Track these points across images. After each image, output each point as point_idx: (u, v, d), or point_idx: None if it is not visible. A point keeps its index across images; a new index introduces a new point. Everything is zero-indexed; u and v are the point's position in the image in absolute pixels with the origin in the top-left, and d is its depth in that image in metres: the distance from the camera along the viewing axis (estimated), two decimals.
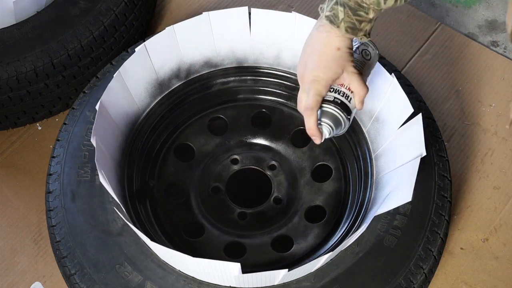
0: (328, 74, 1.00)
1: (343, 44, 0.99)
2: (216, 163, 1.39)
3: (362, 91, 1.02)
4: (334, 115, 1.02)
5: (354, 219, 1.22)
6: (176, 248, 1.12)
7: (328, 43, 0.99)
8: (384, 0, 0.93)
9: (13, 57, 1.39)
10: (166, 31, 1.24)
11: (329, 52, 0.99)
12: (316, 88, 1.00)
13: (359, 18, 0.96)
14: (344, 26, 0.96)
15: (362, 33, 0.98)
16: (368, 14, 0.96)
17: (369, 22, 0.97)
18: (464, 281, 1.32)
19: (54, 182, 1.19)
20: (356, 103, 1.03)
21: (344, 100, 1.02)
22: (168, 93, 1.33)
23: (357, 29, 0.97)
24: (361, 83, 1.02)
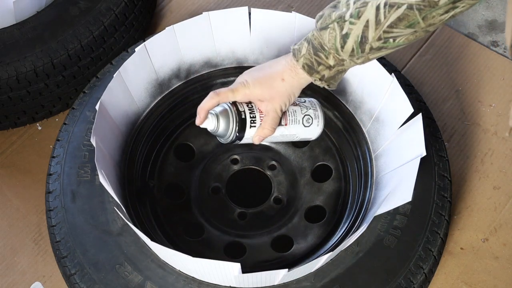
0: (257, 91, 1.00)
1: (289, 80, 0.99)
2: (216, 163, 1.39)
3: (267, 131, 1.03)
4: (228, 119, 1.02)
5: (354, 219, 1.21)
6: (176, 248, 1.12)
7: (280, 70, 0.99)
8: (341, 47, 0.91)
9: (13, 57, 1.39)
10: (166, 31, 1.24)
11: (274, 77, 0.99)
12: (238, 87, 1.01)
13: (318, 59, 0.95)
14: (302, 62, 0.96)
15: (318, 76, 0.97)
16: (327, 59, 0.94)
17: (328, 68, 0.95)
18: (464, 281, 1.32)
19: (54, 182, 1.19)
20: (254, 136, 1.04)
21: (247, 120, 1.02)
22: (168, 93, 1.33)
23: (314, 70, 0.96)
24: (272, 124, 1.02)
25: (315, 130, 1.10)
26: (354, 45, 0.90)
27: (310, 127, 1.09)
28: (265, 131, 1.03)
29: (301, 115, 1.07)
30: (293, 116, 1.06)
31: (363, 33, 0.88)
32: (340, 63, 0.95)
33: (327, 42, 0.93)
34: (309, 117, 1.07)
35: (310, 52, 0.95)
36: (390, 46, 0.89)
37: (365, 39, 0.89)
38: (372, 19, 0.86)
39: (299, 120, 1.07)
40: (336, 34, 0.91)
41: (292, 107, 1.06)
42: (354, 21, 0.88)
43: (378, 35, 0.87)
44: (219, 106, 1.03)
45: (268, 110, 1.01)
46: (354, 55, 0.92)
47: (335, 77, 0.98)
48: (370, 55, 0.92)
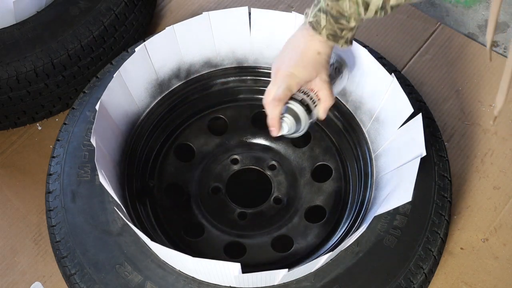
0: (304, 74, 1.01)
1: (323, 50, 1.00)
2: (216, 163, 1.39)
3: (329, 101, 1.04)
4: (297, 114, 1.03)
5: (354, 219, 1.21)
6: (176, 248, 1.12)
7: (310, 45, 1.00)
8: (364, 11, 0.93)
9: (13, 57, 1.39)
10: (166, 31, 1.24)
11: (309, 54, 1.00)
12: (288, 83, 1.01)
13: (340, 26, 0.96)
14: (325, 33, 0.98)
15: (343, 40, 0.99)
16: (349, 23, 0.96)
17: (350, 30, 0.98)
18: (464, 281, 1.32)
19: (54, 182, 1.19)
20: (320, 112, 1.05)
21: (310, 103, 1.04)
22: (168, 93, 1.33)
23: (339, 36, 0.98)
24: (330, 93, 1.04)
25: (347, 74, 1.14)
26: (377, 8, 0.92)
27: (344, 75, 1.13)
28: (327, 104, 1.05)
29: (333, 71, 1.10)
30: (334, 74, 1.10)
31: None
32: (361, 22, 0.97)
33: (348, 9, 0.94)
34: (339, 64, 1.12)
35: (330, 22, 0.96)
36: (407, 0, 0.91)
37: (384, 3, 0.91)
38: None
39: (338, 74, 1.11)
40: (358, 1, 0.92)
41: None
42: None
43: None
44: (284, 107, 1.04)
45: (321, 85, 1.03)
46: (377, 14, 0.94)
47: (355, 33, 1.00)
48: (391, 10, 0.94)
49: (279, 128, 1.04)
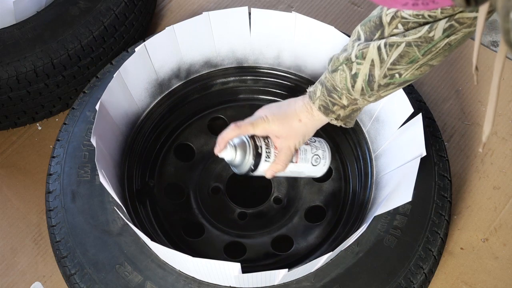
0: (275, 127, 1.03)
1: (307, 121, 1.02)
2: (216, 163, 1.39)
3: (280, 168, 1.07)
4: (245, 152, 1.04)
5: (354, 219, 1.21)
6: (176, 248, 1.12)
7: (298, 111, 1.02)
8: (351, 87, 0.95)
9: (13, 57, 1.39)
10: (166, 31, 1.24)
11: (292, 117, 1.02)
12: (258, 122, 1.04)
13: (332, 100, 0.98)
14: (318, 103, 1.00)
15: (334, 115, 1.00)
16: (341, 99, 0.98)
17: (342, 108, 0.99)
18: (464, 281, 1.32)
19: (54, 182, 1.19)
20: (267, 171, 1.07)
21: (263, 153, 1.05)
22: (168, 93, 1.33)
23: (330, 110, 0.99)
24: (284, 161, 1.06)
25: (321, 169, 1.14)
26: (363, 84, 0.94)
27: (317, 166, 1.13)
28: (278, 167, 1.06)
29: (310, 154, 1.11)
30: (303, 154, 1.10)
31: (370, 71, 0.92)
32: (354, 102, 0.98)
33: (339, 83, 0.96)
34: (317, 157, 1.12)
35: (324, 94, 0.99)
36: (397, 81, 0.93)
37: (372, 77, 0.93)
38: (376, 58, 0.90)
39: (308, 159, 1.10)
40: (346, 75, 0.95)
41: (303, 146, 1.10)
42: (360, 61, 0.92)
43: (383, 72, 0.91)
44: (237, 138, 1.06)
45: (283, 147, 1.04)
46: (365, 94, 0.95)
47: (351, 116, 1.02)
48: (381, 92, 0.95)
49: (221, 148, 1.05)
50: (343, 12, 1.75)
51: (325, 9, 1.76)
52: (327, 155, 1.13)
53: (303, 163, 1.10)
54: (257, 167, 1.06)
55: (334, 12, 1.75)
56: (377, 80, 0.93)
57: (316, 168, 1.13)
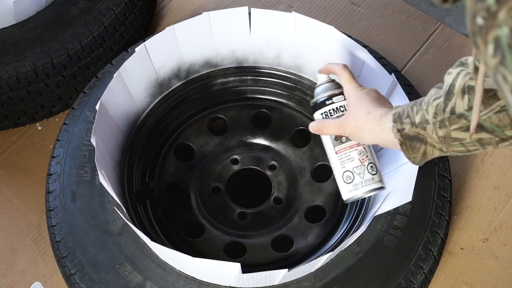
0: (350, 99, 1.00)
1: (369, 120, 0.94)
2: (216, 163, 1.39)
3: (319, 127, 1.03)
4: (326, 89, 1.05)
5: (354, 219, 1.21)
6: (176, 248, 1.12)
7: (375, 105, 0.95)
8: (432, 102, 0.85)
9: (13, 57, 1.39)
10: (166, 31, 1.24)
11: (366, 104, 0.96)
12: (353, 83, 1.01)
13: (409, 111, 0.89)
14: (397, 110, 0.91)
15: (399, 125, 0.89)
16: (416, 114, 0.88)
17: (411, 124, 0.88)
18: (464, 281, 1.32)
19: (54, 182, 1.19)
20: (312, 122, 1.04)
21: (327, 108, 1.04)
22: (168, 93, 1.33)
23: (399, 119, 0.89)
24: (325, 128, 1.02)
25: (344, 190, 1.04)
26: (443, 96, 0.84)
27: (344, 184, 1.03)
28: (321, 125, 1.02)
29: (350, 168, 1.02)
30: (346, 158, 1.02)
31: (453, 81, 0.83)
32: (423, 124, 0.86)
33: (427, 97, 0.87)
34: (350, 176, 1.02)
35: (409, 104, 0.90)
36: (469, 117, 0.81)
37: (452, 87, 0.82)
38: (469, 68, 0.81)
39: (344, 166, 1.02)
40: (439, 91, 0.85)
41: (355, 154, 1.02)
42: (451, 70, 0.84)
43: (464, 82, 0.81)
44: (337, 82, 1.05)
45: (340, 118, 1.00)
46: (437, 114, 0.84)
47: (413, 142, 0.89)
48: (452, 128, 0.83)
49: (323, 70, 1.07)
50: (343, 12, 1.75)
51: (325, 9, 1.76)
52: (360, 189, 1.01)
53: (339, 162, 1.03)
54: (314, 111, 1.06)
55: (334, 12, 1.75)
56: (456, 92, 0.82)
57: (343, 186, 1.03)
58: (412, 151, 0.91)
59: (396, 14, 1.73)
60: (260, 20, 1.28)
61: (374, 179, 1.02)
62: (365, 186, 1.01)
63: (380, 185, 1.02)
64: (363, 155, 1.02)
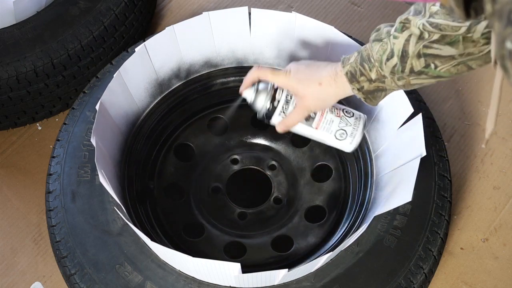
0: (292, 84, 1.04)
1: (327, 88, 1.00)
2: (216, 163, 1.39)
3: (289, 122, 1.08)
4: (262, 99, 1.08)
5: (354, 219, 1.21)
6: (176, 248, 1.12)
7: (322, 75, 1.01)
8: (386, 60, 0.92)
9: (13, 57, 1.39)
10: (166, 31, 1.24)
11: (313, 78, 1.02)
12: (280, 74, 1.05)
13: (362, 69, 0.96)
14: (347, 69, 0.98)
15: (357, 85, 0.97)
16: (370, 71, 0.95)
17: (368, 81, 0.96)
18: (464, 281, 1.32)
19: (54, 182, 1.19)
20: (278, 124, 1.09)
21: (279, 108, 1.08)
22: (168, 93, 1.33)
23: (355, 79, 0.97)
24: (294, 119, 1.07)
25: (346, 145, 1.12)
26: (398, 61, 0.91)
27: (342, 141, 1.11)
28: (287, 121, 1.07)
29: (336, 127, 1.09)
30: (327, 124, 1.09)
31: (404, 47, 0.90)
32: (381, 79, 0.96)
33: (375, 54, 0.94)
34: (343, 132, 1.10)
35: (357, 61, 0.97)
36: (430, 72, 0.90)
37: (405, 53, 0.90)
38: (416, 33, 0.89)
39: (332, 131, 1.10)
40: (386, 48, 0.92)
41: (330, 116, 1.09)
42: (397, 35, 0.91)
43: (418, 49, 0.89)
44: (263, 84, 1.09)
45: (297, 105, 1.06)
46: (395, 73, 0.93)
47: (374, 94, 0.98)
48: (411, 78, 0.92)
49: (244, 87, 1.10)
50: (343, 12, 1.75)
51: (325, 9, 1.76)
52: (357, 133, 1.10)
53: (325, 132, 1.09)
54: (270, 118, 1.09)
55: (334, 12, 1.75)
56: (410, 57, 0.89)
57: (341, 143, 1.11)
58: (375, 100, 1.00)
59: (396, 14, 1.72)
60: (260, 20, 1.28)
61: (357, 117, 1.11)
62: (358, 128, 1.11)
63: (364, 118, 1.12)
64: (334, 111, 1.09)
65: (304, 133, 1.12)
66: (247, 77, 1.09)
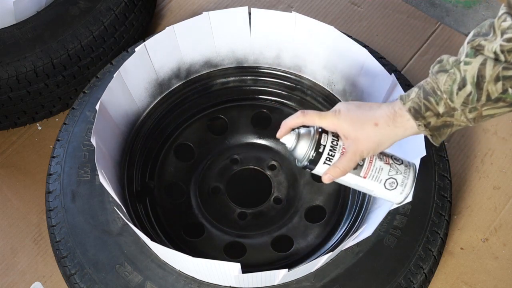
0: (344, 126, 0.92)
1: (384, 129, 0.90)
2: (216, 163, 1.39)
3: (337, 173, 0.94)
4: (306, 145, 0.95)
5: (354, 219, 1.21)
6: (176, 248, 1.12)
7: (378, 114, 0.90)
8: (457, 91, 0.83)
9: (13, 57, 1.39)
10: (166, 31, 1.24)
11: (368, 118, 0.91)
12: (328, 116, 0.93)
13: (427, 103, 0.86)
14: (409, 105, 0.88)
15: (423, 121, 0.87)
16: (437, 105, 0.86)
17: (435, 116, 0.87)
18: (464, 281, 1.32)
19: (54, 182, 1.19)
20: (324, 173, 0.96)
21: (324, 156, 0.95)
22: (168, 93, 1.33)
23: (420, 115, 0.87)
24: (345, 167, 0.93)
25: (396, 196, 0.99)
26: (472, 87, 0.82)
27: (392, 191, 0.99)
28: (336, 171, 0.94)
29: (386, 176, 0.97)
30: (376, 173, 0.97)
31: (479, 71, 0.81)
32: (450, 113, 0.86)
33: (442, 85, 0.85)
34: (393, 182, 0.98)
35: (419, 96, 0.87)
36: (509, 98, 0.81)
37: (481, 78, 0.81)
38: (492, 57, 0.80)
39: (381, 180, 0.97)
40: (455, 78, 0.84)
41: (379, 163, 0.97)
42: (470, 60, 0.82)
43: (496, 72, 0.80)
44: (305, 129, 0.97)
45: (348, 150, 0.93)
46: (468, 104, 0.84)
47: (441, 130, 0.88)
48: (485, 108, 0.83)
49: (282, 134, 0.97)
50: (343, 12, 1.75)
51: (325, 9, 1.76)
52: (408, 182, 0.98)
53: (373, 181, 0.97)
54: (313, 166, 0.96)
55: (334, 12, 1.75)
56: (487, 82, 0.81)
57: (391, 193, 0.98)
58: (440, 138, 0.90)
59: (396, 14, 1.73)
60: (260, 20, 1.28)
61: (407, 165, 0.99)
62: (409, 177, 0.98)
63: (414, 166, 0.99)
64: (383, 158, 0.98)
65: (349, 183, 0.99)
66: (288, 122, 0.95)
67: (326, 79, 1.31)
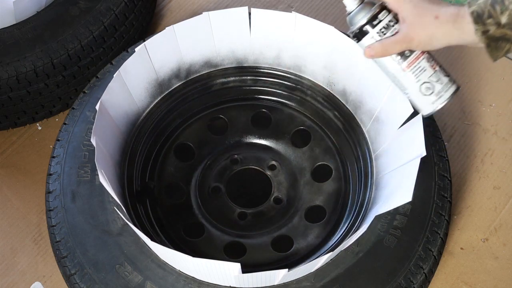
0: (405, 8, 0.90)
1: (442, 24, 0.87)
2: (216, 163, 1.39)
3: (379, 50, 0.93)
4: (363, 13, 0.95)
5: (354, 219, 1.21)
6: (176, 248, 1.12)
7: (442, 9, 0.88)
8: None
9: (13, 57, 1.39)
10: (166, 31, 1.24)
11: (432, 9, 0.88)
12: None
13: (491, 10, 0.84)
14: (473, 8, 0.86)
15: (481, 27, 0.85)
16: (502, 15, 0.84)
17: (495, 25, 0.85)
18: (464, 281, 1.32)
19: (54, 182, 1.19)
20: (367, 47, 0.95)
21: (375, 30, 0.94)
22: (168, 93, 1.33)
23: (481, 20, 0.85)
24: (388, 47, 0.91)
25: (426, 104, 0.97)
26: None
27: (424, 97, 0.96)
28: (378, 46, 0.93)
29: (426, 79, 0.94)
30: (418, 71, 0.94)
31: None
32: (511, 25, 0.84)
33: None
34: (430, 88, 0.95)
35: (487, 2, 0.85)
36: None
37: None
38: None
39: (419, 80, 0.95)
40: None
41: (425, 64, 0.94)
42: None
43: None
44: None
45: (401, 32, 0.92)
46: None
47: (498, 42, 0.87)
48: None
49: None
50: (343, 12, 1.74)
51: (325, 9, 1.76)
52: (444, 95, 0.94)
53: (412, 77, 0.95)
54: (362, 37, 0.96)
55: (334, 12, 1.75)
56: None
57: (422, 99, 0.96)
58: (496, 51, 0.88)
59: None
60: (260, 20, 1.28)
61: (450, 80, 0.96)
62: (447, 91, 0.96)
63: (457, 86, 0.96)
64: (432, 61, 0.95)
65: (387, 70, 0.96)
66: None
67: (326, 79, 1.31)
